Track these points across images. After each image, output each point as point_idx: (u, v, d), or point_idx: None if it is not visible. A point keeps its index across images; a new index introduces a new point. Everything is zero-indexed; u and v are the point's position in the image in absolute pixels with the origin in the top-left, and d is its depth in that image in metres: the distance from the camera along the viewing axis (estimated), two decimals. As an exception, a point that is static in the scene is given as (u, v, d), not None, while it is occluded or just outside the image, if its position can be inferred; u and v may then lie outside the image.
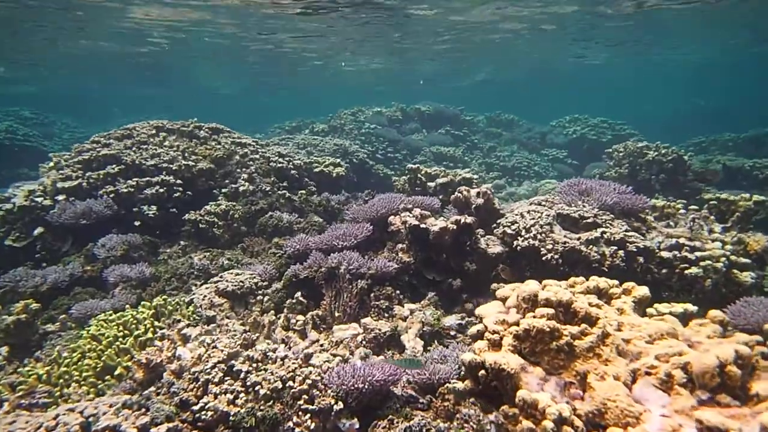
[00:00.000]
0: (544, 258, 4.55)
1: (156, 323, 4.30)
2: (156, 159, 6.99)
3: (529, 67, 28.81)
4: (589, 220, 4.76)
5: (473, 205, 5.30)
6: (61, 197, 6.48)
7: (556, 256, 4.49)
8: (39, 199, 6.43)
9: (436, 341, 4.20)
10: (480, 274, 4.89)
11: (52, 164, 7.12)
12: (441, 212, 5.88)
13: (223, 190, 7.17)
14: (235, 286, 4.87)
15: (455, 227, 4.85)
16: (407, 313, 4.52)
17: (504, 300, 2.60)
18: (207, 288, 4.89)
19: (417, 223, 4.99)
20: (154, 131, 7.46)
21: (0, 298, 5.83)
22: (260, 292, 4.95)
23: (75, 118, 22.24)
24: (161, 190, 6.76)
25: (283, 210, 7.10)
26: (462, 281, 4.84)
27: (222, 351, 3.42)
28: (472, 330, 2.66)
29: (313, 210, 7.25)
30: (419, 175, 7.36)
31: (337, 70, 28.12)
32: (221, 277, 5.04)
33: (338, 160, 9.03)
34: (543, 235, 4.67)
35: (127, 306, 4.99)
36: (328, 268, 4.81)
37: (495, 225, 5.14)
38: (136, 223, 6.57)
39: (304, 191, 7.53)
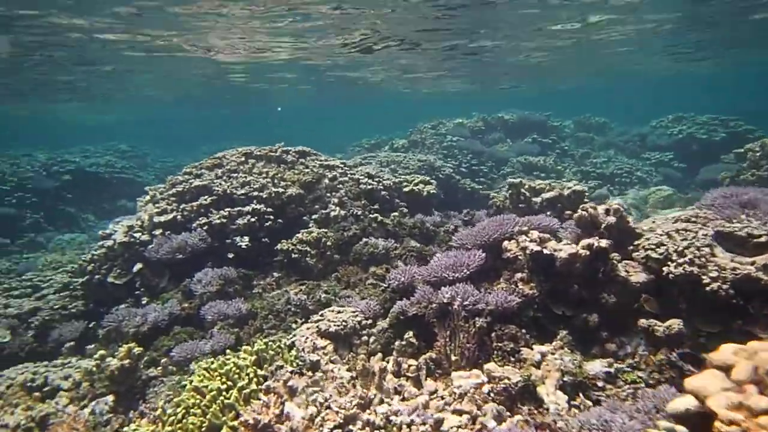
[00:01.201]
0: (707, 288, 3.71)
1: (259, 371, 3.94)
2: (246, 187, 6.84)
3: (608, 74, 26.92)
4: (762, 240, 3.86)
5: (603, 225, 4.54)
6: (157, 232, 6.46)
7: (725, 287, 3.64)
8: (137, 235, 6.44)
9: (580, 394, 3.50)
10: (620, 308, 4.11)
11: (148, 198, 7.19)
12: (557, 232, 5.16)
13: (314, 217, 6.87)
14: (338, 326, 4.44)
15: (588, 253, 4.13)
16: (538, 357, 3.84)
17: (726, 369, 1.91)
18: (308, 328, 4.50)
19: (539, 248, 4.32)
20: (243, 158, 7.35)
21: (104, 337, 5.83)
22: (365, 331, 4.49)
23: (164, 148, 23.57)
24: (252, 220, 6.56)
25: (376, 235, 6.66)
26: (599, 316, 4.09)
27: (337, 413, 2.95)
28: (677, 407, 1.97)
29: (407, 234, 6.75)
30: (522, 190, 6.66)
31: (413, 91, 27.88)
32: (322, 315, 4.63)
33: (427, 178, 8.52)
34: (703, 259, 3.83)
35: (228, 350, 4.72)
36: (440, 304, 4.25)
37: (632, 247, 4.35)
38: (230, 255, 6.40)
39: (396, 213, 7.07)
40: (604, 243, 4.16)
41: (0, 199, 12.80)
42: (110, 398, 4.18)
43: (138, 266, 6.33)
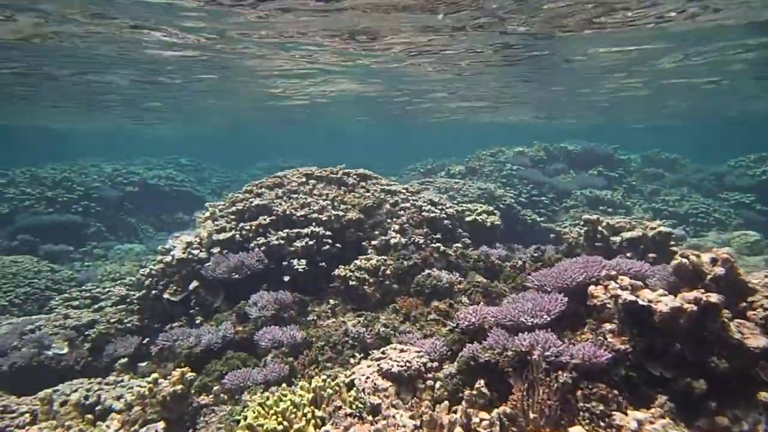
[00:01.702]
0: None
1: (316, 411, 3.62)
2: (306, 209, 6.66)
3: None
4: None
5: (708, 276, 4.00)
6: (215, 250, 6.35)
7: None
8: (195, 252, 6.35)
9: (690, 477, 2.97)
10: (733, 375, 3.55)
11: (207, 214, 7.14)
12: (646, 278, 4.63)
13: (373, 243, 6.59)
14: (401, 366, 4.08)
15: (694, 308, 3.61)
16: (634, 425, 3.34)
17: None
18: (369, 366, 4.16)
19: (632, 298, 3.84)
20: (304, 179, 7.21)
21: (157, 356, 5.71)
22: (430, 375, 4.10)
23: (221, 162, 24.20)
24: (310, 243, 6.35)
25: (437, 266, 6.30)
26: (707, 383, 3.54)
27: (410, 479, 2.57)
28: None
29: (471, 267, 6.35)
30: (600, 228, 6.14)
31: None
32: (384, 353, 4.29)
33: (491, 208, 8.11)
34: (840, 326, 3.25)
35: (282, 382, 4.45)
36: (517, 352, 3.82)
37: (746, 304, 3.79)
38: (285, 278, 6.19)
39: (459, 244, 6.69)
40: (714, 298, 3.63)
41: (67, 207, 13.32)
42: (161, 425, 3.97)
43: (194, 284, 6.22)
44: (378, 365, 4.14)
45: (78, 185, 13.93)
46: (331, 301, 6.03)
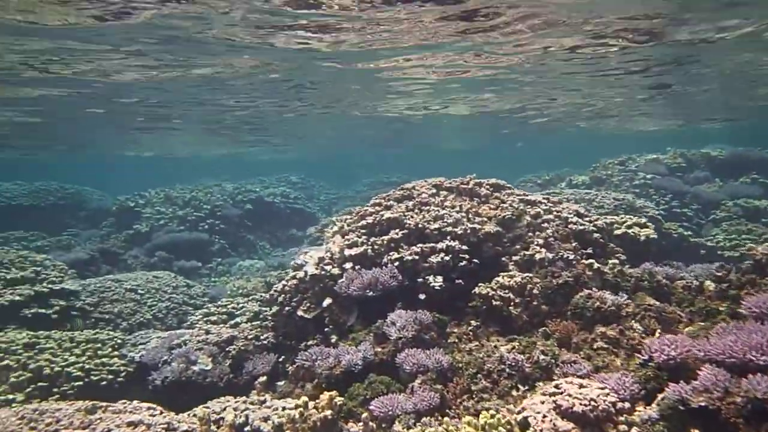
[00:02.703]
0: None
1: (493, 456, 3.10)
2: (439, 222, 6.24)
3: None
4: None
5: None
6: (348, 265, 6.12)
7: None
8: (328, 268, 6.17)
9: None
10: None
11: (336, 228, 6.98)
12: None
13: (514, 258, 6.00)
14: (585, 405, 3.44)
15: None
16: None
17: None
18: (542, 403, 3.57)
19: None
20: (434, 190, 6.82)
21: (293, 375, 5.54)
22: (622, 419, 3.42)
23: (328, 180, 24.82)
24: (446, 258, 5.90)
25: (591, 284, 5.54)
26: None
27: None
28: None
29: (632, 286, 5.51)
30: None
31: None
32: (558, 387, 3.67)
33: (643, 220, 7.16)
34: None
35: (435, 414, 4.00)
36: (749, 400, 3.03)
37: None
38: (421, 296, 5.78)
39: (615, 260, 5.87)
40: None
41: (195, 225, 14.18)
42: (314, 455, 3.68)
43: (327, 301, 6.03)
44: (554, 402, 3.54)
45: (204, 204, 14.83)
46: (472, 323, 5.51)
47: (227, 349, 5.95)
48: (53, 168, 35.40)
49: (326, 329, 5.91)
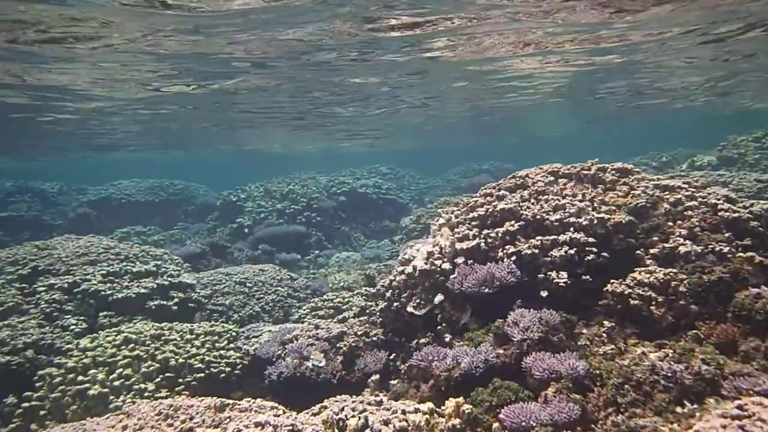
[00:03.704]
0: None
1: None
2: (560, 212, 5.67)
3: None
4: None
5: None
6: (459, 260, 5.76)
7: None
8: (438, 263, 5.85)
9: None
10: None
11: (442, 221, 6.63)
12: None
13: (652, 251, 5.30)
14: (782, 433, 2.81)
15: None
16: None
17: None
18: (725, 428, 2.98)
19: None
20: (550, 178, 6.25)
21: (406, 374, 5.31)
22: (836, 452, 2.75)
23: (416, 169, 24.51)
24: (571, 252, 5.34)
25: (752, 281, 4.73)
26: None
27: None
28: None
29: (806, 285, 4.62)
30: None
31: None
32: (742, 409, 3.06)
33: (807, 205, 6.03)
34: None
35: (577, 428, 3.54)
36: None
37: None
38: (543, 294, 5.29)
39: (780, 254, 4.97)
40: None
41: (293, 217, 14.54)
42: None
43: (438, 297, 5.71)
44: (741, 429, 2.94)
45: (301, 197, 15.15)
46: (605, 324, 4.93)
47: (338, 345, 5.85)
48: (161, 164, 38.54)
49: (438, 327, 5.60)
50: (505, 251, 5.63)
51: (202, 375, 5.86)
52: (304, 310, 7.21)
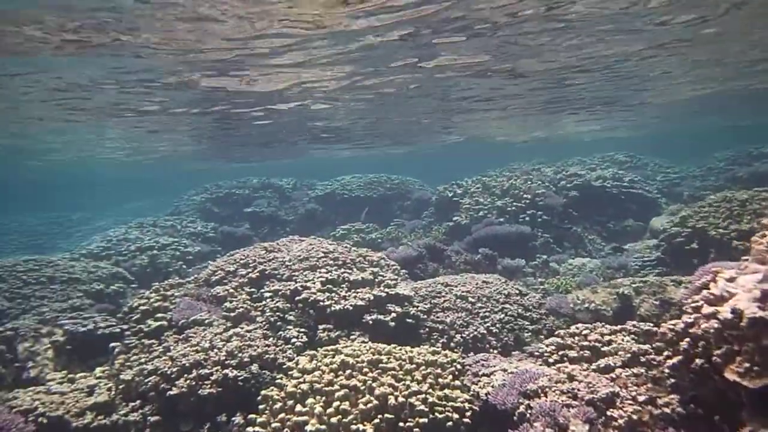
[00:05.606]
0: None
1: None
2: None
3: None
4: None
5: None
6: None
7: None
8: (787, 308, 3.62)
9: None
10: None
11: None
12: None
13: None
14: None
15: None
16: None
17: None
18: None
19: None
20: None
21: None
22: None
23: (665, 157, 20.19)
24: None
25: None
26: None
27: None
28: None
29: None
30: None
31: None
32: None
33: None
34: None
35: None
36: None
37: None
38: None
39: None
40: None
41: (515, 216, 12.89)
42: None
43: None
44: None
45: (524, 192, 13.38)
46: None
47: (608, 413, 4.12)
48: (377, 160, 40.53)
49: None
50: None
51: (425, 420, 4.78)
52: (545, 345, 5.60)
